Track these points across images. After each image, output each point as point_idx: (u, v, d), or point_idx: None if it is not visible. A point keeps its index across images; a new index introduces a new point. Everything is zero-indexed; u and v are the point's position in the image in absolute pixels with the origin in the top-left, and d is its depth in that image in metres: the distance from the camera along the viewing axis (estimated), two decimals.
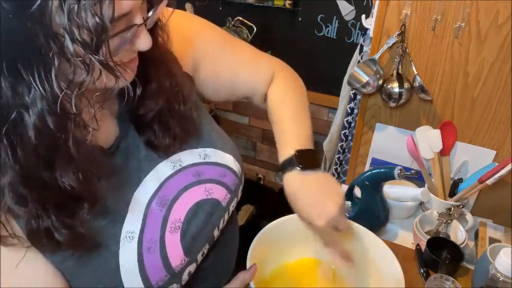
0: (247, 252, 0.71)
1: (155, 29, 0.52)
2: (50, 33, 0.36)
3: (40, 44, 0.36)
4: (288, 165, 0.66)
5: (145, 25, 0.46)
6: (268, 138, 2.31)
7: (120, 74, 0.42)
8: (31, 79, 0.37)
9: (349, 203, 0.75)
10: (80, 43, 0.37)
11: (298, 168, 0.65)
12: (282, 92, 0.76)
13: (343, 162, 1.56)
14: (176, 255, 0.58)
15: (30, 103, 0.38)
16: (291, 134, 0.70)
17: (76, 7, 0.35)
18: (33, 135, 0.40)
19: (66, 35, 0.36)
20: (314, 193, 0.65)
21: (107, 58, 0.39)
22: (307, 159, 0.66)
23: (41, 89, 0.38)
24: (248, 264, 0.68)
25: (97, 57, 0.38)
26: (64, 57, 0.37)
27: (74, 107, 0.40)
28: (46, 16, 0.36)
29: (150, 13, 0.46)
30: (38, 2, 0.35)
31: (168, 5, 0.50)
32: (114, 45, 0.42)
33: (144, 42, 0.46)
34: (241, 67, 0.74)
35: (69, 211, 0.48)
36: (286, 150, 0.68)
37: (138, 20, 0.44)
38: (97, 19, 0.36)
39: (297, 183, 0.66)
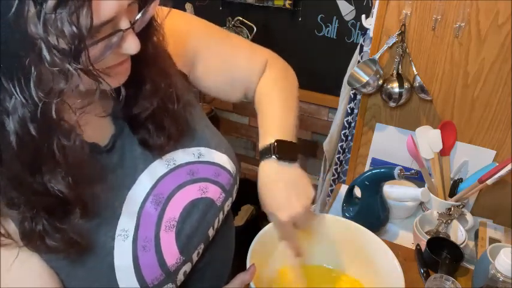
0: (247, 252, 0.71)
1: (149, 30, 0.52)
2: (27, 42, 0.36)
3: (18, 52, 0.36)
4: (266, 153, 0.67)
5: (134, 29, 0.45)
6: None
7: (102, 79, 0.41)
8: (11, 87, 0.37)
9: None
10: (58, 51, 0.36)
11: (275, 157, 0.65)
12: (271, 83, 0.76)
13: (343, 162, 1.56)
14: (171, 254, 0.58)
15: (11, 110, 0.38)
16: (274, 124, 0.70)
17: (52, 16, 0.35)
18: (14, 141, 0.39)
19: (43, 44, 0.36)
20: (285, 188, 0.65)
21: (87, 65, 0.39)
22: (286, 150, 0.66)
23: (21, 97, 0.37)
24: (248, 265, 0.68)
25: (75, 65, 0.37)
26: (42, 65, 0.37)
27: (54, 113, 0.39)
28: (22, 24, 0.35)
29: (138, 16, 0.45)
30: (13, 9, 0.34)
31: (164, 4, 0.49)
32: (98, 50, 0.42)
33: (131, 46, 0.45)
34: (237, 58, 0.74)
35: (61, 215, 0.47)
36: (266, 138, 0.68)
37: (124, 24, 0.44)
38: (74, 28, 0.36)
39: (271, 173, 0.66)
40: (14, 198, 0.43)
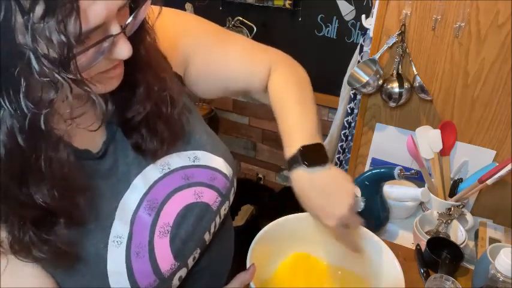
0: (247, 252, 0.71)
1: (141, 33, 0.51)
2: (16, 52, 0.35)
3: (7, 62, 0.36)
4: (293, 162, 0.64)
5: (125, 33, 0.45)
6: (268, 138, 2.32)
7: (92, 87, 0.40)
8: None
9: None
10: (47, 61, 0.36)
11: (304, 165, 0.63)
12: (283, 83, 0.72)
13: (343, 162, 1.56)
14: (165, 259, 0.57)
15: (0, 121, 0.38)
16: (295, 128, 0.67)
17: (41, 25, 0.34)
18: (2, 152, 0.39)
19: (31, 54, 0.35)
20: (322, 193, 0.63)
21: (76, 74, 0.38)
22: (314, 155, 0.64)
23: (10, 108, 0.37)
24: (248, 265, 0.68)
25: (65, 74, 0.37)
26: (31, 75, 0.36)
27: (42, 124, 0.39)
28: (9, 34, 0.35)
29: (129, 20, 0.45)
30: (1, 18, 0.34)
31: (155, 4, 0.49)
32: (90, 56, 0.41)
33: (123, 50, 0.45)
34: (232, 59, 0.71)
35: (47, 227, 0.47)
36: (291, 146, 0.65)
37: (115, 29, 0.43)
38: (62, 37, 0.35)
39: (304, 182, 0.64)
40: (1, 210, 0.43)
